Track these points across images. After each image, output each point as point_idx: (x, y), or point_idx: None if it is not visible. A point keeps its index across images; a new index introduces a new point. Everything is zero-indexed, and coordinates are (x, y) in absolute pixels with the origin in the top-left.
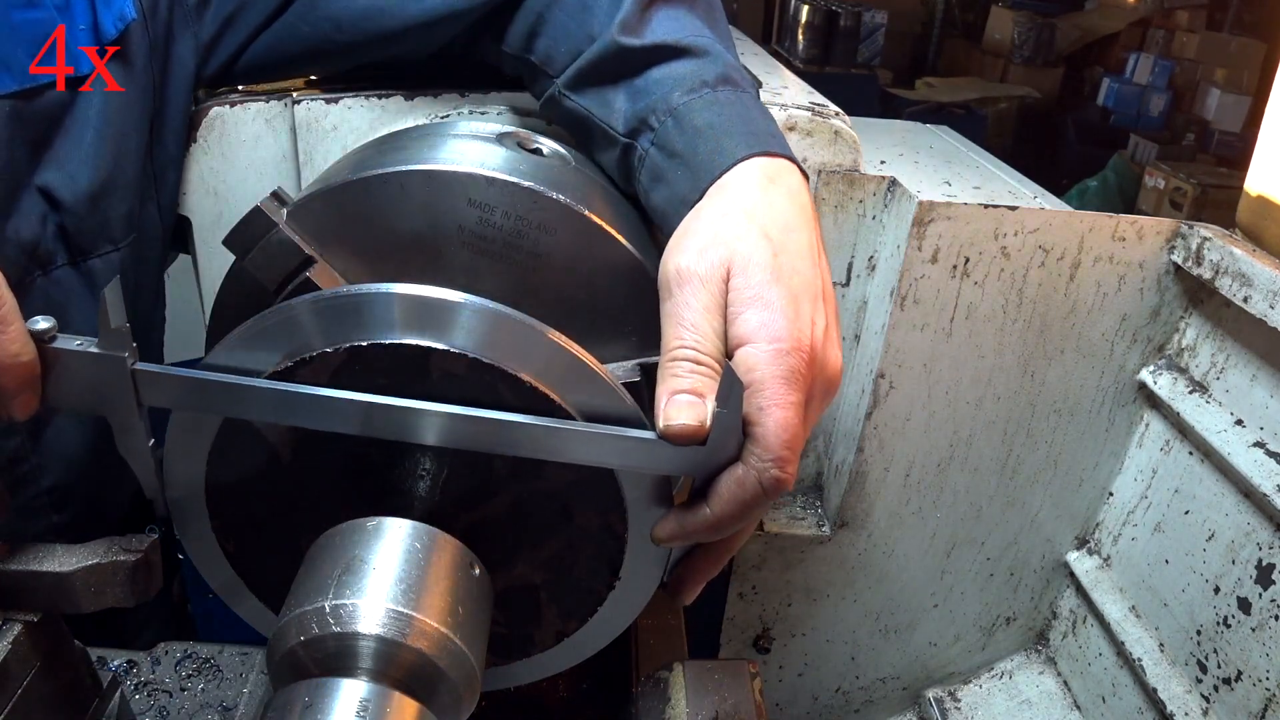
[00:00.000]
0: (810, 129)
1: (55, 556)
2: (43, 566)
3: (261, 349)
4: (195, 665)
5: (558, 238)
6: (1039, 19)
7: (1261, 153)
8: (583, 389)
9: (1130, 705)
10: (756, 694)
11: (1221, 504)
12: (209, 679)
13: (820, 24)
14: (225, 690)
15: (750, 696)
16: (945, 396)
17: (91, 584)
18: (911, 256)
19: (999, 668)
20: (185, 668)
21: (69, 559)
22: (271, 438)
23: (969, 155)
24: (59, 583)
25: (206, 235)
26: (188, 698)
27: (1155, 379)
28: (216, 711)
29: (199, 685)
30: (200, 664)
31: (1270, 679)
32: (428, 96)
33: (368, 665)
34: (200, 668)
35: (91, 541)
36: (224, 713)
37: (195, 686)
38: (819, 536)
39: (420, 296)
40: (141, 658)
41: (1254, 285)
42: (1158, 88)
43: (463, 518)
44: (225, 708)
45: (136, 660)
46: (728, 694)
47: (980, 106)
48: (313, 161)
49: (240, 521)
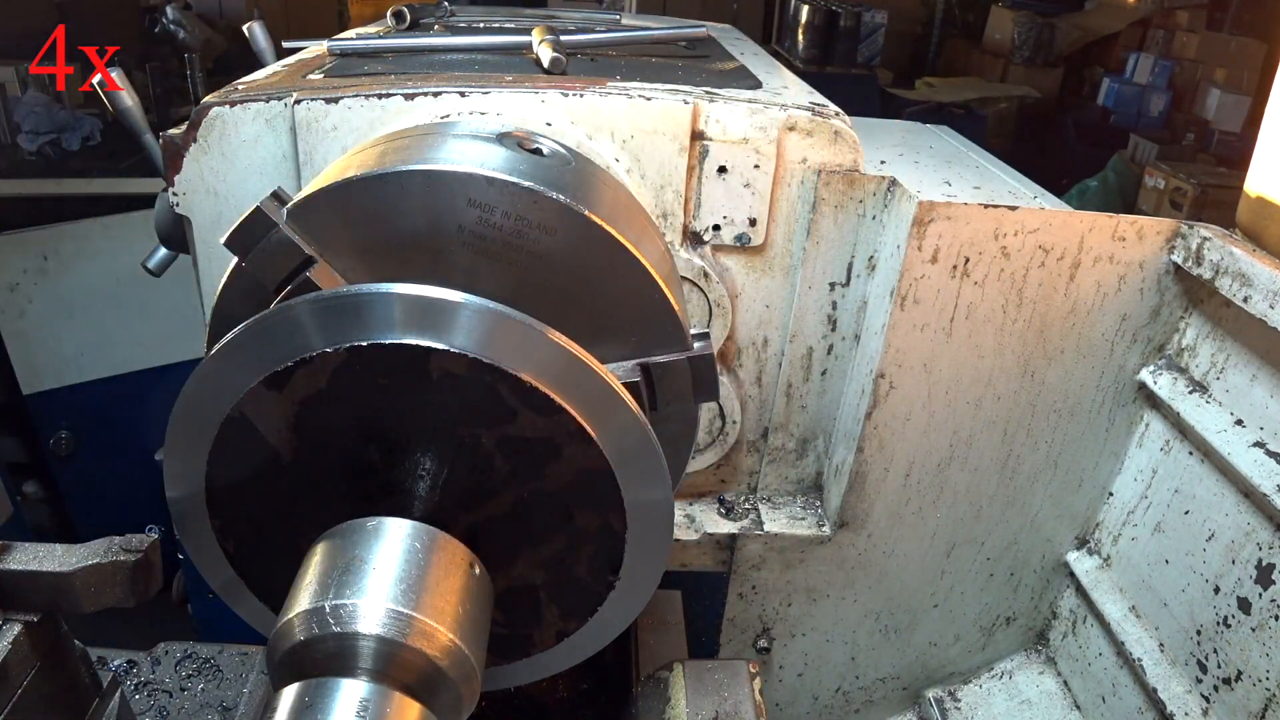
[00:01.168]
0: (810, 129)
1: (55, 556)
2: (43, 566)
3: (262, 349)
4: (195, 665)
5: (558, 238)
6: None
7: (1261, 153)
8: (582, 389)
9: (1130, 705)
10: (756, 694)
11: (1221, 504)
12: (209, 679)
13: (820, 24)
14: (225, 690)
15: (750, 696)
16: (945, 396)
17: (92, 584)
18: (911, 256)
19: (999, 668)
20: (185, 668)
21: (69, 559)
22: (271, 438)
23: (969, 155)
24: (59, 583)
25: (206, 235)
26: (188, 698)
27: (1155, 379)
28: (216, 711)
29: (199, 685)
30: (200, 664)
31: (1270, 679)
32: (428, 97)
33: (368, 665)
34: (200, 668)
35: (91, 541)
36: (224, 712)
37: (195, 687)
38: (819, 536)
39: (420, 296)
40: (142, 658)
41: (1254, 285)
42: (1158, 88)
43: (463, 518)
44: (225, 708)
45: (137, 660)
46: (728, 694)
47: (980, 106)
48: (313, 161)
49: (240, 521)
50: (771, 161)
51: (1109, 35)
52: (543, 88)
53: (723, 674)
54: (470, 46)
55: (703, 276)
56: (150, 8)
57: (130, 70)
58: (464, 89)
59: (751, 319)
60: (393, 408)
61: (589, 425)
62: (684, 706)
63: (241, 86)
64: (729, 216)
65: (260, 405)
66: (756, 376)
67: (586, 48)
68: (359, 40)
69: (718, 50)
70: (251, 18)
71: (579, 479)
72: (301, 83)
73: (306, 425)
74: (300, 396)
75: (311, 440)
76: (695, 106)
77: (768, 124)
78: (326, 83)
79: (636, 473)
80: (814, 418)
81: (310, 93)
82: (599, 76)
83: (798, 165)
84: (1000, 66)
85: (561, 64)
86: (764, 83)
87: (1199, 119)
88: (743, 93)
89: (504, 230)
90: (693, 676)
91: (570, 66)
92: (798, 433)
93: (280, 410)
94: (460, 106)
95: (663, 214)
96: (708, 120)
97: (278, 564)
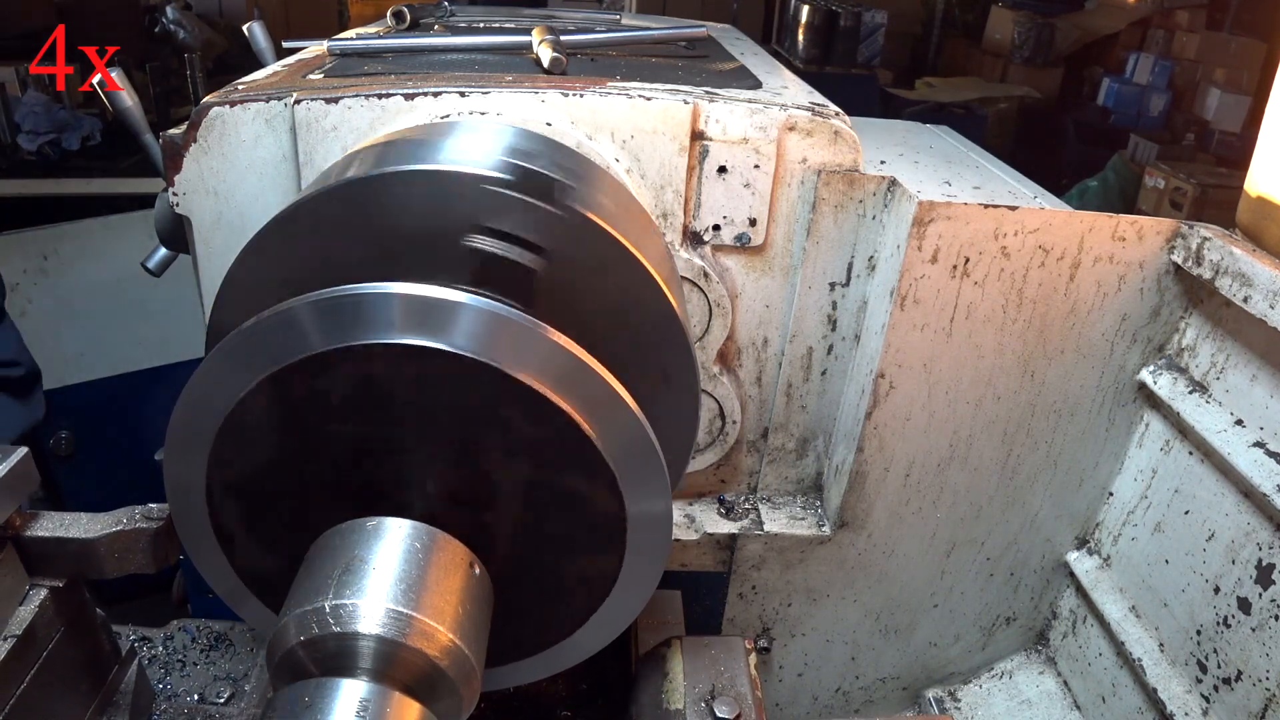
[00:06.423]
0: (810, 129)
1: (80, 523)
2: (69, 533)
3: (262, 349)
4: (209, 640)
5: (558, 238)
6: (1039, 19)
7: (1261, 153)
8: (582, 389)
9: (1130, 705)
10: (752, 668)
11: (1221, 504)
12: (221, 653)
13: (820, 24)
14: (237, 664)
15: (746, 670)
16: (945, 396)
17: (116, 550)
18: (911, 256)
19: (999, 668)
20: (200, 642)
21: (94, 526)
22: (271, 438)
23: (969, 155)
24: (84, 549)
25: (206, 235)
26: (200, 670)
27: (1155, 379)
28: (227, 683)
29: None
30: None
31: (1270, 679)
32: (428, 97)
33: (368, 665)
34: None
35: (113, 510)
36: (234, 683)
37: (207, 660)
38: (819, 536)
39: (420, 296)
40: (155, 633)
41: (1254, 285)
42: (1158, 88)
43: (463, 518)
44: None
45: (150, 635)
46: (724, 668)
47: (980, 106)
48: (313, 161)
49: (240, 521)
50: (771, 161)
51: (1109, 35)
52: (543, 88)
53: (719, 649)
54: (470, 46)
55: (703, 276)
56: (150, 8)
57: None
58: (464, 89)
59: (751, 319)
60: (392, 408)
61: (589, 425)
62: (681, 680)
63: (241, 86)
64: (729, 216)
65: (260, 405)
66: (756, 376)
67: (586, 48)
68: (359, 40)
69: (718, 50)
70: (251, 18)
71: (579, 479)
72: (301, 83)
73: (306, 425)
74: (300, 397)
75: (311, 440)
76: (695, 106)
77: (768, 124)
78: (326, 83)
79: (636, 473)
80: (814, 418)
81: (310, 93)
82: (599, 76)
83: (798, 165)
84: (1000, 66)
85: (561, 64)
86: (764, 83)
87: (1199, 119)
88: (743, 93)
89: (504, 231)
90: (690, 652)
91: (570, 66)
92: (798, 433)
93: (280, 410)
94: (460, 106)
95: (663, 214)
96: (708, 120)
97: (278, 564)
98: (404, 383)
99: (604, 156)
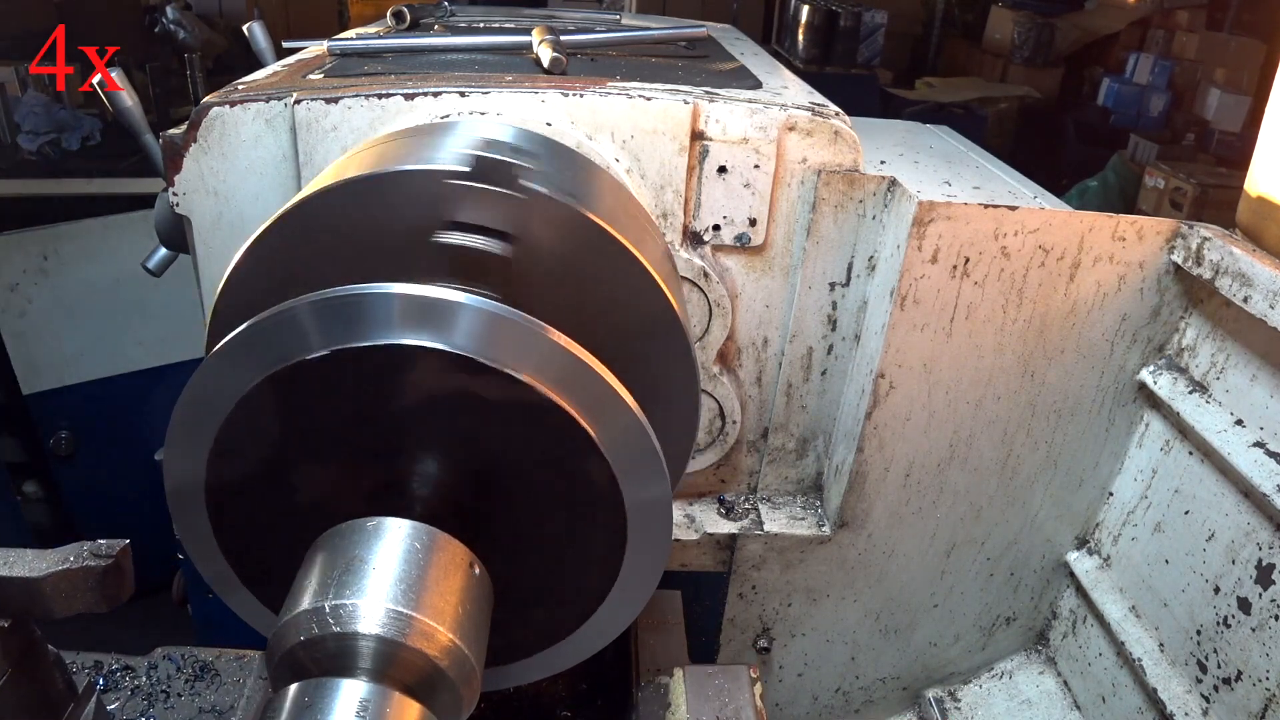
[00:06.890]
0: (810, 129)
1: (25, 561)
2: (12, 571)
3: (262, 349)
4: (193, 670)
5: (558, 238)
6: (1039, 19)
7: (1261, 153)
8: (582, 389)
9: (1130, 705)
10: (757, 699)
11: (1221, 504)
12: (207, 684)
13: (820, 24)
14: (223, 696)
15: (751, 702)
16: (945, 396)
17: (63, 589)
18: (911, 256)
19: (999, 668)
20: (184, 672)
21: (39, 564)
22: (271, 438)
23: (969, 155)
24: (30, 588)
25: (206, 235)
26: (185, 702)
27: (1155, 379)
28: (213, 717)
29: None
30: (199, 668)
31: (1270, 679)
32: (428, 97)
33: (367, 665)
34: (198, 672)
35: (63, 546)
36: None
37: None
38: (819, 536)
39: (420, 296)
40: (139, 662)
41: (1254, 285)
42: (1158, 88)
43: (463, 518)
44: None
45: (133, 665)
46: (728, 699)
47: (980, 106)
48: (312, 161)
49: (240, 521)
50: (771, 161)
51: (1109, 35)
52: (543, 88)
53: (723, 679)
54: (470, 46)
55: (703, 276)
56: (150, 8)
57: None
58: (464, 89)
59: (751, 319)
60: (392, 408)
61: (589, 425)
62: (684, 712)
63: (241, 86)
64: (729, 216)
65: (260, 405)
66: (756, 376)
67: (586, 48)
68: (359, 40)
69: (718, 50)
70: (251, 18)
71: (579, 479)
72: (301, 83)
73: (306, 425)
74: (300, 396)
75: (311, 440)
76: (695, 106)
77: (768, 124)
78: (326, 83)
79: (636, 473)
80: (814, 418)
81: (310, 93)
82: (599, 76)
83: (798, 165)
84: (1000, 66)
85: (561, 64)
86: (764, 83)
87: (1199, 119)
88: (743, 93)
89: (505, 231)
90: (693, 682)
91: (570, 66)
92: (798, 433)
93: (280, 410)
94: (460, 106)
95: (663, 214)
96: (708, 120)
97: (278, 564)
98: (404, 383)
99: (604, 156)
